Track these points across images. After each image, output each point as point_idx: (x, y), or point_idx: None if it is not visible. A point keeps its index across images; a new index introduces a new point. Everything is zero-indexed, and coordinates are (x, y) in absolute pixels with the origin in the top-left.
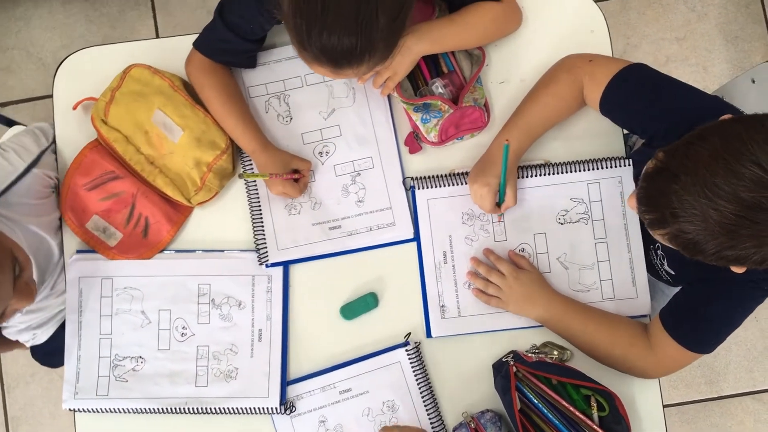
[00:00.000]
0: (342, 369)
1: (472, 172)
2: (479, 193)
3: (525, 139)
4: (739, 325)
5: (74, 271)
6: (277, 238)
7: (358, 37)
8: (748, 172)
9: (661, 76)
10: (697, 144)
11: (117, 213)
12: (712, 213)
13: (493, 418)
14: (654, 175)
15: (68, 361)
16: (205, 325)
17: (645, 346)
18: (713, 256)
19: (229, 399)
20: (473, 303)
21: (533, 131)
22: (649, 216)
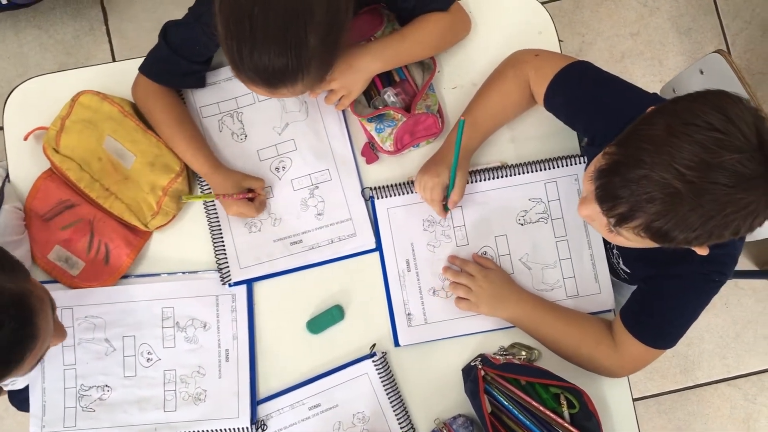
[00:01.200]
0: (310, 385)
1: (423, 166)
2: (428, 185)
3: (475, 136)
4: (697, 317)
5: None
6: (239, 257)
7: (288, 57)
8: (707, 138)
9: (604, 75)
10: (647, 127)
11: (77, 242)
12: (680, 187)
13: (465, 422)
14: (611, 170)
15: (33, 395)
16: (170, 349)
17: (610, 345)
18: (685, 239)
19: (199, 422)
20: (439, 309)
21: (483, 129)
22: (617, 211)
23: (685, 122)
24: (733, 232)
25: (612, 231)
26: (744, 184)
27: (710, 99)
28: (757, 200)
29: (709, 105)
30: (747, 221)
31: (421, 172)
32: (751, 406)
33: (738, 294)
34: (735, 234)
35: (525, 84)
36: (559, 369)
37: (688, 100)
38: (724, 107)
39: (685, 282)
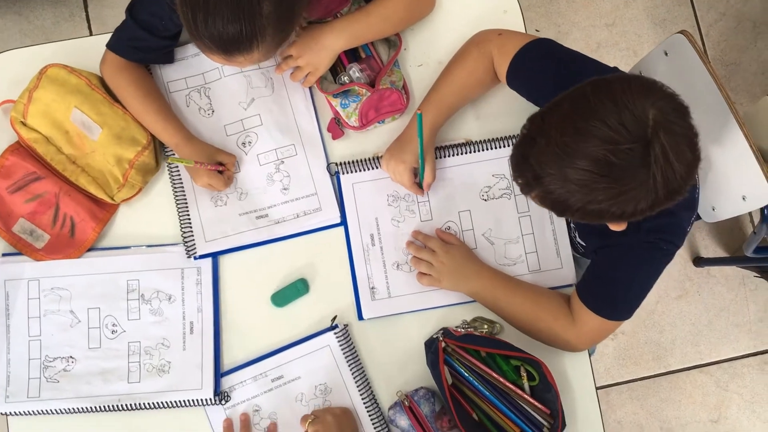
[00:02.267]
0: (272, 357)
1: (387, 151)
2: (397, 171)
3: (440, 114)
4: (650, 287)
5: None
6: (204, 230)
7: (242, 24)
8: (595, 129)
9: (566, 50)
10: (552, 109)
11: (42, 214)
12: (568, 171)
13: (427, 394)
14: (519, 143)
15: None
16: (135, 321)
17: (568, 319)
18: (579, 212)
19: (162, 393)
20: (403, 283)
21: (448, 106)
22: (519, 181)
23: (579, 111)
24: (618, 215)
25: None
26: (623, 173)
27: (612, 87)
28: (636, 188)
29: (608, 93)
30: (630, 204)
31: (388, 154)
32: (723, 393)
33: (710, 282)
34: (620, 216)
35: (489, 62)
36: (520, 343)
37: (592, 86)
38: (620, 96)
39: (633, 251)
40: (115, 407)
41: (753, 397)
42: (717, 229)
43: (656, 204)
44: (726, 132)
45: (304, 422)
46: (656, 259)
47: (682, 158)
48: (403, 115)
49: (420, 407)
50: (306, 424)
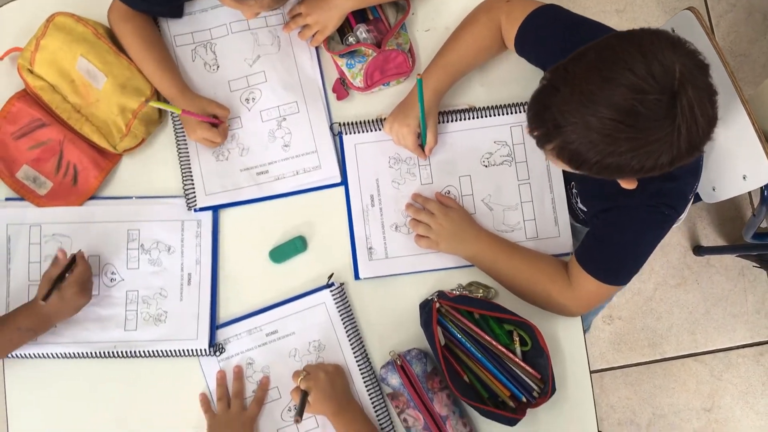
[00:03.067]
0: (268, 312)
1: (391, 114)
2: (400, 134)
3: (445, 78)
4: (648, 253)
5: (1, 218)
6: (205, 184)
7: None
8: (622, 78)
9: (574, 16)
10: (577, 59)
11: (46, 162)
12: (591, 120)
13: (419, 354)
14: (538, 93)
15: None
16: (134, 271)
17: (565, 282)
18: (596, 165)
19: (158, 342)
20: (401, 245)
21: (453, 71)
22: (537, 132)
23: (605, 59)
24: (636, 169)
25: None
26: (647, 124)
27: (639, 38)
28: (659, 140)
29: (635, 44)
30: (651, 157)
31: (391, 117)
32: (717, 383)
33: (710, 272)
34: (639, 170)
35: (496, 29)
36: (515, 309)
37: (618, 37)
38: (648, 48)
39: (634, 214)
40: (111, 354)
41: (747, 388)
42: (718, 219)
43: (677, 159)
44: (730, 111)
45: (296, 377)
46: (657, 223)
47: (705, 114)
48: (408, 78)
49: (412, 367)
50: (298, 380)
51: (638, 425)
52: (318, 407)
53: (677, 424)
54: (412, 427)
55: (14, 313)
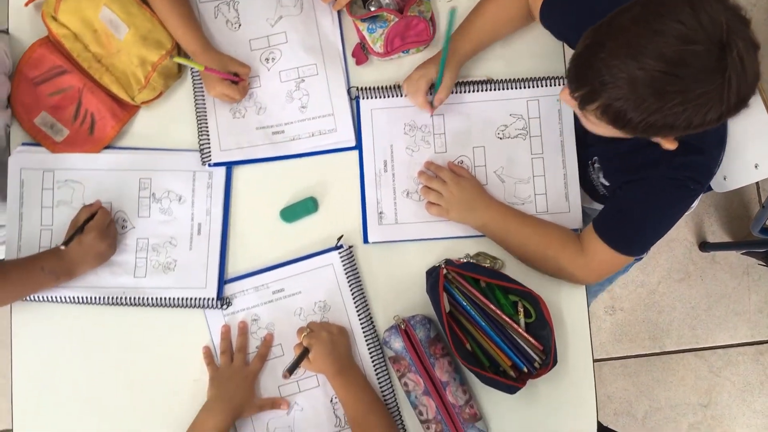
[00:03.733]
0: (276, 270)
1: (416, 68)
2: (412, 79)
3: (468, 46)
4: (668, 227)
5: (16, 163)
6: (220, 139)
7: None
8: (670, 29)
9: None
10: (619, 14)
11: (64, 109)
12: (638, 73)
13: (423, 320)
14: (581, 52)
15: (8, 252)
16: (145, 219)
17: (577, 249)
18: (642, 124)
19: (167, 289)
20: (411, 211)
21: (477, 40)
22: (580, 92)
23: (652, 12)
24: (683, 126)
25: (582, 114)
26: (697, 76)
27: None
28: (709, 93)
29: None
30: (700, 112)
31: (413, 73)
32: (715, 379)
33: (714, 268)
34: (686, 127)
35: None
36: (522, 280)
37: None
38: (695, 0)
39: (658, 186)
40: (120, 300)
41: (745, 386)
42: (725, 216)
43: (725, 114)
44: None
45: (300, 334)
46: (680, 197)
47: (752, 67)
48: (428, 47)
49: (415, 332)
50: (301, 336)
51: (634, 417)
52: (318, 366)
53: (673, 417)
54: (412, 391)
55: (39, 254)
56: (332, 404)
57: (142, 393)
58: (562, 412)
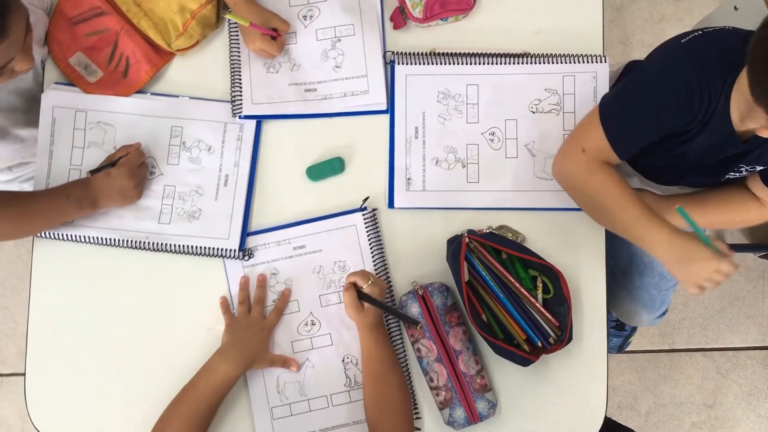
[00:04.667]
0: (298, 226)
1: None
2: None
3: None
4: None
5: (49, 101)
6: (252, 93)
7: None
8: None
9: None
10: None
11: (100, 51)
12: None
13: (441, 287)
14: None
15: (36, 187)
16: (173, 166)
17: (757, 206)
18: None
19: (190, 237)
20: (439, 179)
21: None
22: None
23: None
24: None
25: None
26: None
27: None
28: None
29: None
30: None
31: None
32: (722, 380)
33: None
34: None
35: None
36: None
37: None
38: None
39: None
40: (142, 245)
41: (751, 390)
42: None
43: None
44: None
45: (365, 279)
46: None
47: None
48: (467, 16)
49: (432, 298)
50: (367, 281)
51: (638, 411)
52: (365, 315)
53: (676, 415)
54: (425, 357)
55: (66, 183)
56: (343, 364)
57: (155, 339)
58: (572, 389)
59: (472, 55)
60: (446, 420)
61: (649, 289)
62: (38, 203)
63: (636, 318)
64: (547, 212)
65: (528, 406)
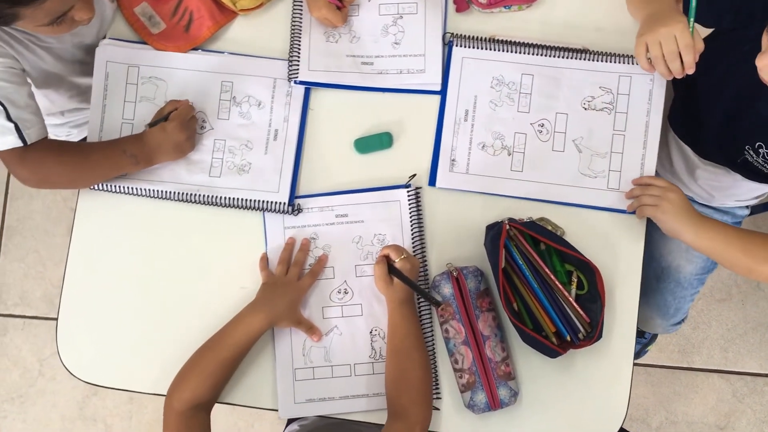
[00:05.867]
0: (343, 195)
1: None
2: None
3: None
4: None
5: (103, 55)
6: (310, 59)
7: None
8: None
9: None
10: None
11: (165, 4)
12: None
13: (476, 271)
14: None
15: (91, 141)
16: (224, 121)
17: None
18: None
19: (240, 190)
20: (484, 164)
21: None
22: None
23: None
24: None
25: None
26: None
27: None
28: None
29: None
30: None
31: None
32: (737, 404)
33: (757, 296)
34: None
35: None
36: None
37: None
38: None
39: None
40: (193, 197)
41: (766, 417)
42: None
43: None
44: None
45: (398, 253)
46: None
47: None
48: (530, 6)
49: (466, 281)
50: (399, 256)
51: (648, 425)
52: (395, 290)
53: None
54: (452, 338)
55: (122, 138)
56: (370, 335)
57: (190, 291)
58: (595, 389)
59: (530, 45)
60: (466, 403)
61: (664, 295)
62: (95, 155)
63: (650, 323)
64: (588, 210)
65: (548, 399)
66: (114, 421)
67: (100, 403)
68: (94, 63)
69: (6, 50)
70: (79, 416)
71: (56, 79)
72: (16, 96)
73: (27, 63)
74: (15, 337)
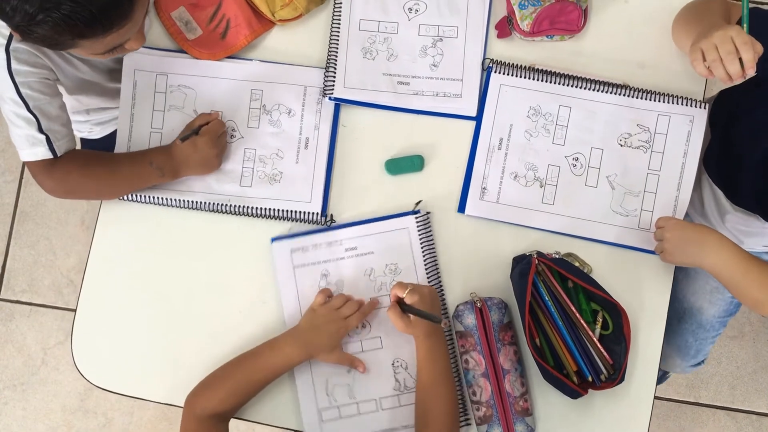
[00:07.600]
0: (350, 228)
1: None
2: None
3: None
4: None
5: (131, 64)
6: (346, 76)
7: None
8: None
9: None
10: None
11: (203, 10)
12: None
13: (500, 304)
14: None
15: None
16: (254, 129)
17: None
18: None
19: (271, 200)
20: (515, 195)
21: None
22: None
23: None
24: None
25: None
26: None
27: None
28: None
29: None
30: None
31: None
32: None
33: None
34: None
35: None
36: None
37: None
38: None
39: None
40: (223, 208)
41: None
42: None
43: None
44: None
45: (402, 289)
46: None
47: None
48: (572, 38)
49: (490, 312)
50: (404, 292)
51: None
52: (416, 325)
53: None
54: (472, 370)
55: (149, 149)
56: (393, 367)
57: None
58: (612, 430)
59: (570, 77)
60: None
61: (685, 336)
62: (121, 167)
63: (669, 362)
64: (616, 248)
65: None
66: (115, 415)
67: (102, 396)
68: (122, 71)
69: (43, 61)
70: (79, 408)
71: (89, 86)
72: (49, 107)
73: (62, 73)
74: (21, 323)
